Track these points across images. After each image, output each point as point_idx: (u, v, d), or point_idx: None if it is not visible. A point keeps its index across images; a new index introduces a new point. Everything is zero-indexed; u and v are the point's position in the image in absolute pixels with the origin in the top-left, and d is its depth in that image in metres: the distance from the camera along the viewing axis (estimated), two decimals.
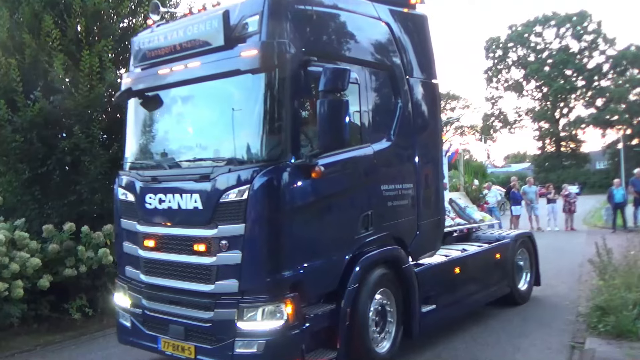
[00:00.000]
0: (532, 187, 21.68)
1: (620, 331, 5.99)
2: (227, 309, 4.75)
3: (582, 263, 11.02)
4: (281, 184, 4.69)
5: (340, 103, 4.72)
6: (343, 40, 5.58)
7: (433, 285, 6.36)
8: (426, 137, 6.51)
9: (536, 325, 7.27)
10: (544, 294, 9.20)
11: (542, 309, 8.17)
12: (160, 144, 5.77)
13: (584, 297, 8.23)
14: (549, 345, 6.34)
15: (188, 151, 5.43)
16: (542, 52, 69.07)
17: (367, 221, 5.47)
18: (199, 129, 5.51)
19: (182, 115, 5.60)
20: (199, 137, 5.44)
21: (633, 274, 6.93)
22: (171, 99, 5.58)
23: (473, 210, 9.21)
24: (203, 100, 5.42)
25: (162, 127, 5.76)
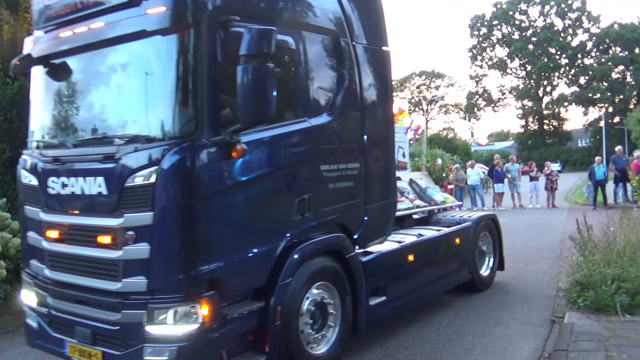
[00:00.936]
0: (515, 165, 21.90)
1: (598, 305, 6.12)
2: (135, 310, 4.07)
3: (563, 240, 11.21)
4: (195, 164, 4.01)
5: (265, 70, 3.95)
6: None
7: (383, 275, 5.77)
8: (376, 111, 5.81)
9: (517, 300, 7.41)
10: (527, 268, 9.38)
11: (523, 284, 8.31)
12: (64, 119, 4.92)
13: (564, 273, 8.35)
14: (529, 319, 6.48)
15: (94, 127, 4.65)
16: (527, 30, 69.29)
17: (303, 206, 4.79)
18: (105, 101, 4.65)
19: (87, 85, 4.76)
20: (106, 111, 4.63)
21: (612, 250, 7.06)
22: (75, 67, 4.76)
23: (435, 192, 8.65)
24: (109, 68, 4.61)
25: (66, 99, 4.93)
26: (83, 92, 4.79)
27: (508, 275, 8.80)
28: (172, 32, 4.05)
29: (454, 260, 7.30)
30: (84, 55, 4.66)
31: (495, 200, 21.24)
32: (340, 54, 5.27)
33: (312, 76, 4.99)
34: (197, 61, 4.04)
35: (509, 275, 8.82)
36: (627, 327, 5.50)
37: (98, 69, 4.66)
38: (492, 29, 70.94)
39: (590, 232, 7.73)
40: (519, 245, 11.86)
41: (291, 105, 4.85)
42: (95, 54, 4.58)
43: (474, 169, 21.72)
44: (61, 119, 4.93)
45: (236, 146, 4.09)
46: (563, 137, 70.93)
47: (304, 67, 4.91)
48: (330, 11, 5.28)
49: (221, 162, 4.13)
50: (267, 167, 4.54)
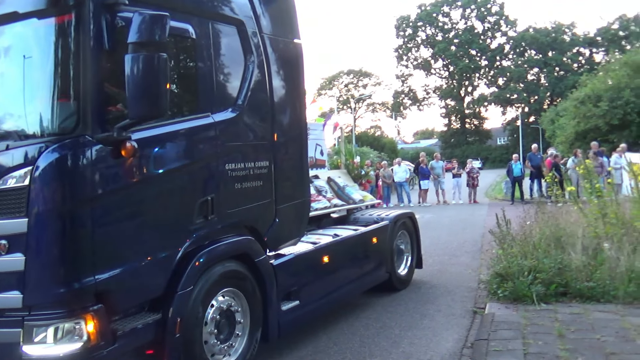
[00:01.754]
0: (439, 163, 22.67)
1: (517, 296, 6.40)
2: (10, 329, 3.57)
3: (484, 234, 11.61)
4: (76, 164, 3.55)
5: (156, 60, 3.51)
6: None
7: (295, 279, 5.52)
8: (286, 106, 5.50)
9: (442, 292, 7.65)
10: (450, 262, 9.69)
11: (447, 277, 8.58)
12: None
13: (485, 266, 8.69)
14: (453, 311, 6.70)
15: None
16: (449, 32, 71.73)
17: (206, 208, 4.43)
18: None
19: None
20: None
21: (528, 243, 7.41)
22: None
23: (353, 190, 8.43)
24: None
25: None
26: None
27: (433, 269, 9.07)
28: (49, 15, 3.61)
29: (371, 260, 7.15)
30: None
31: (421, 197, 21.87)
32: (247, 46, 4.97)
33: (216, 69, 4.63)
34: (78, 48, 3.57)
35: (434, 269, 9.10)
36: (542, 316, 5.80)
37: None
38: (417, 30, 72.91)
39: (508, 226, 8.10)
40: (443, 239, 12.26)
41: (192, 100, 4.50)
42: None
43: (400, 166, 22.28)
44: None
45: (125, 144, 3.66)
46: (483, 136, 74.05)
47: (206, 58, 4.53)
48: (236, 0, 4.96)
49: (108, 161, 3.69)
50: (163, 166, 4.12)
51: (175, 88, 4.37)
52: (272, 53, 5.25)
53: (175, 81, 4.34)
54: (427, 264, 9.07)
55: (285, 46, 5.53)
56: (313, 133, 8.68)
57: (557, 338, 5.07)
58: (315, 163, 8.85)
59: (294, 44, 5.68)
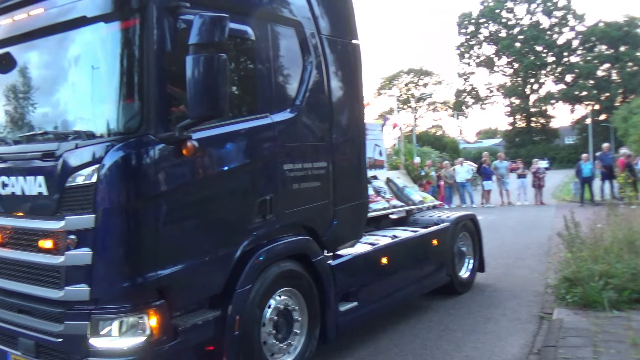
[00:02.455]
0: (503, 162, 22.08)
1: (587, 302, 6.18)
2: (78, 321, 3.76)
3: (551, 236, 11.29)
4: (140, 162, 3.68)
5: (216, 61, 3.59)
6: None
7: (354, 280, 5.52)
8: (344, 107, 5.50)
9: (507, 296, 7.47)
10: (515, 265, 9.46)
11: (512, 280, 8.37)
12: (6, 114, 4.61)
13: (552, 270, 8.43)
14: (518, 316, 6.53)
15: (35, 122, 4.35)
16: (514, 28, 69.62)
17: (265, 208, 4.50)
18: (47, 94, 4.33)
19: (29, 77, 4.46)
20: (48, 105, 4.32)
21: (599, 247, 7.14)
22: (17, 57, 4.42)
23: (412, 191, 8.32)
24: (51, 59, 4.29)
25: (10, 92, 4.60)
26: (25, 84, 4.49)
27: (497, 272, 8.87)
28: (115, 18, 3.74)
29: (431, 263, 7.02)
30: (24, 44, 4.34)
31: (484, 198, 21.39)
32: (305, 47, 4.99)
33: (274, 70, 4.68)
34: (142, 51, 3.71)
35: (499, 272, 8.89)
36: (614, 323, 5.56)
37: (38, 59, 4.37)
38: (480, 26, 71.17)
39: (577, 229, 7.81)
40: (508, 242, 11.96)
41: (251, 100, 4.57)
42: (35, 44, 4.28)
43: (462, 166, 21.88)
44: (5, 114, 4.62)
45: (186, 143, 3.77)
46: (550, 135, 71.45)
47: (265, 59, 4.58)
48: (294, 2, 4.99)
49: (170, 160, 3.81)
50: (222, 166, 4.26)
51: (235, 89, 4.45)
52: (330, 54, 5.27)
53: (234, 82, 4.42)
54: (490, 266, 8.87)
55: (343, 47, 5.54)
56: (371, 133, 8.62)
57: (631, 347, 4.87)
58: (374, 164, 8.76)
59: (352, 44, 5.66)
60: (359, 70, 5.76)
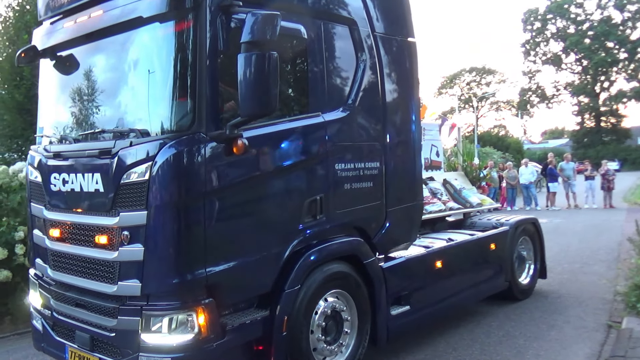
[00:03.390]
0: (569, 164, 21.28)
1: None
2: (131, 317, 3.86)
3: (622, 241, 10.82)
4: (192, 160, 3.72)
5: (267, 59, 3.60)
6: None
7: (406, 283, 5.41)
8: (399, 106, 5.41)
9: (572, 303, 7.20)
10: (582, 271, 9.10)
11: (578, 287, 8.06)
12: (66, 113, 4.70)
13: (622, 276, 8.08)
14: (584, 324, 6.28)
15: (93, 121, 4.43)
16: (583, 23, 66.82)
17: (315, 207, 4.47)
18: (105, 93, 4.42)
19: (88, 77, 4.54)
20: (105, 104, 4.39)
21: None
22: (78, 58, 4.56)
23: (470, 193, 8.07)
24: (108, 59, 4.41)
25: (68, 92, 4.68)
26: (84, 84, 4.57)
27: (562, 278, 8.58)
28: (170, 18, 3.81)
29: (489, 268, 6.86)
30: (85, 46, 4.46)
31: (549, 200, 20.70)
32: (359, 45, 4.95)
33: (327, 68, 4.66)
34: (195, 50, 3.76)
35: (564, 278, 8.60)
36: None
37: (98, 60, 4.47)
38: (547, 23, 68.75)
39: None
40: (574, 246, 11.55)
41: (303, 99, 4.57)
42: (95, 45, 4.39)
43: (527, 167, 21.25)
44: (63, 113, 4.73)
45: (237, 141, 3.79)
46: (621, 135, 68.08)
47: (318, 58, 4.57)
48: (349, 0, 4.95)
49: (221, 158, 3.83)
50: (273, 164, 4.26)
51: (287, 87, 4.50)
52: (384, 53, 5.19)
53: (287, 81, 4.45)
54: (555, 271, 8.59)
55: (399, 45, 5.44)
56: (429, 134, 8.57)
57: None
58: (431, 164, 8.71)
59: (408, 42, 5.55)
60: (415, 69, 5.65)
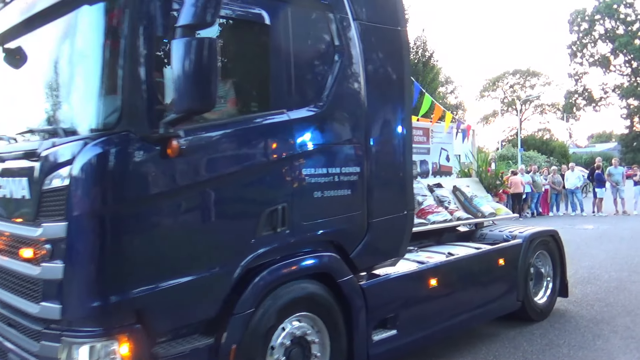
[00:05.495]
0: (618, 168, 20.62)
1: None
2: (51, 343, 3.27)
3: None
4: (117, 162, 3.15)
5: (206, 44, 3.09)
6: None
7: (393, 304, 4.75)
8: (385, 104, 4.74)
9: (619, 312, 6.96)
10: (630, 279, 8.78)
11: (626, 295, 7.78)
12: (7, 110, 4.24)
13: None
14: (632, 334, 6.07)
15: (27, 119, 3.90)
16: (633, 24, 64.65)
17: (276, 219, 3.82)
18: (35, 88, 3.90)
19: (22, 70, 4.08)
20: (38, 99, 3.88)
21: None
22: (19, 49, 4.06)
23: (483, 201, 7.29)
24: (38, 49, 3.91)
25: (9, 86, 4.22)
26: (19, 77, 4.14)
27: (609, 286, 8.32)
28: (95, 1, 3.32)
29: (497, 286, 6.11)
30: (22, 34, 3.99)
31: (596, 206, 20.12)
32: (337, 34, 4.29)
33: (296, 60, 4.03)
34: (125, 36, 3.22)
35: (611, 286, 8.33)
36: None
37: (35, 51, 3.98)
38: (594, 23, 66.81)
39: None
40: (622, 253, 11.20)
41: (264, 95, 3.94)
42: (29, 33, 3.91)
43: (573, 172, 20.73)
44: (5, 110, 4.27)
45: (171, 142, 3.23)
46: None
47: (284, 48, 3.95)
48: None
49: (153, 160, 3.25)
50: (220, 169, 3.61)
51: (245, 81, 3.94)
52: (368, 43, 4.53)
53: (245, 73, 3.90)
54: (602, 279, 8.35)
55: (385, 35, 4.75)
56: (438, 137, 8.11)
57: None
58: (439, 170, 8.11)
59: (396, 32, 4.84)
60: (405, 62, 4.95)
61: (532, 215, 20.39)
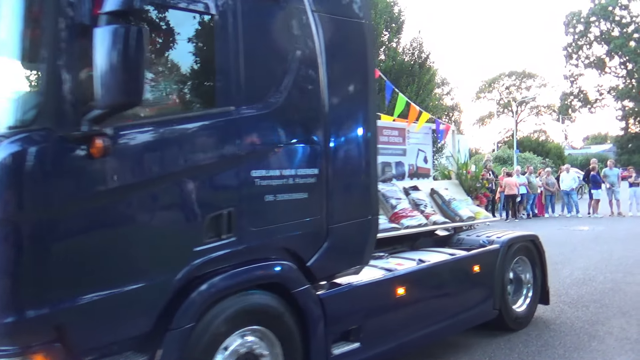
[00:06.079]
0: (613, 170, 20.71)
1: None
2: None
3: None
4: (32, 163, 2.81)
5: (132, 34, 2.80)
6: None
7: (355, 315, 4.40)
8: (347, 101, 4.44)
9: (614, 313, 6.98)
10: (625, 280, 8.81)
11: (620, 296, 7.81)
12: None
13: None
14: (627, 335, 6.08)
15: None
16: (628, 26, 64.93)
17: (220, 225, 3.50)
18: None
19: None
20: None
21: None
22: None
23: (461, 205, 6.90)
24: None
25: None
26: None
27: (604, 287, 8.35)
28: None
29: (471, 294, 5.77)
30: None
31: (592, 207, 20.20)
32: (292, 25, 3.99)
33: (246, 53, 3.67)
34: (44, 22, 2.91)
35: (606, 287, 8.36)
36: None
37: None
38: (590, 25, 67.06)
39: None
40: (617, 255, 11.25)
41: (209, 90, 3.62)
42: None
43: (569, 173, 20.82)
44: None
45: (94, 140, 2.90)
46: None
47: (231, 40, 3.61)
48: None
49: (74, 161, 2.93)
50: (155, 170, 3.27)
51: (186, 75, 3.60)
52: (327, 36, 4.19)
53: (186, 67, 3.57)
54: (597, 281, 8.38)
55: (347, 28, 4.42)
56: (414, 137, 7.73)
57: None
58: (416, 172, 7.68)
59: (359, 25, 4.51)
60: (369, 57, 4.63)
61: (528, 217, 20.45)
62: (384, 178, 6.74)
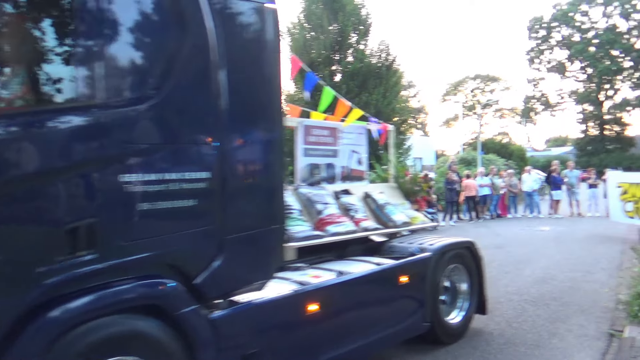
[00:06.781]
0: (573, 172, 21.23)
1: None
2: None
3: (624, 250, 10.79)
4: None
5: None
6: None
7: (256, 337, 3.87)
8: (246, 95, 3.84)
9: (574, 311, 7.17)
10: (584, 279, 9.05)
11: (579, 295, 8.02)
12: None
13: (624, 285, 8.04)
14: (586, 332, 6.25)
15: None
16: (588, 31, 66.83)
17: (78, 239, 2.95)
18: None
19: None
20: None
21: None
22: None
23: (396, 210, 6.48)
24: None
25: None
26: None
27: (564, 286, 8.55)
28: None
29: (398, 307, 5.30)
30: None
31: (553, 208, 20.68)
32: (178, 8, 3.43)
33: (117, 39, 3.19)
34: None
35: (565, 286, 8.57)
36: None
37: None
38: (551, 31, 68.74)
39: None
40: (576, 254, 11.52)
41: (70, 81, 3.03)
42: None
43: (530, 174, 21.25)
44: None
45: None
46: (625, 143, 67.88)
47: (96, 25, 3.09)
48: None
49: None
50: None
51: (40, 63, 3.04)
52: (222, 20, 3.66)
53: (40, 53, 3.02)
54: (557, 279, 8.56)
55: (247, 11, 3.87)
56: (348, 137, 7.30)
57: None
58: (350, 174, 7.26)
59: (263, 8, 3.94)
60: (275, 45, 4.05)
61: (491, 218, 20.80)
62: (311, 181, 6.47)
